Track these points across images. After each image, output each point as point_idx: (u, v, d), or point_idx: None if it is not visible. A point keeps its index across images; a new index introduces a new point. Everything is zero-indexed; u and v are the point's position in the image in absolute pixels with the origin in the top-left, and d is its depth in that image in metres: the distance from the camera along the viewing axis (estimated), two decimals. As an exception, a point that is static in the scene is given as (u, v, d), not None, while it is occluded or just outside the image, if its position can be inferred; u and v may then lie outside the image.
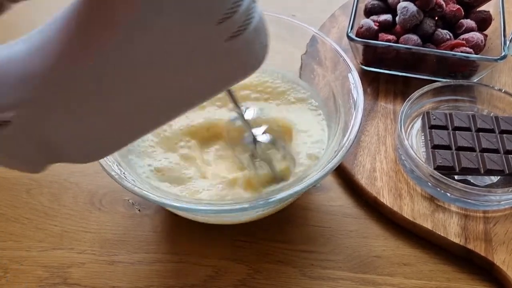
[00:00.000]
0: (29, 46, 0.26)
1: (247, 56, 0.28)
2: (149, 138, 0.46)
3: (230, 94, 0.36)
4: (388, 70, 0.59)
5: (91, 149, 0.30)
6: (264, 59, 0.30)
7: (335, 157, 0.40)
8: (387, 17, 0.59)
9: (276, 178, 0.42)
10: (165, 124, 0.31)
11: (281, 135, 0.44)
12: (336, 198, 0.49)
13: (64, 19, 0.26)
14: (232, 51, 0.27)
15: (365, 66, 0.59)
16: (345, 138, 0.41)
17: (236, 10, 0.26)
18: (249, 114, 0.41)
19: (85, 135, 0.28)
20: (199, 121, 0.48)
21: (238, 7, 0.26)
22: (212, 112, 0.49)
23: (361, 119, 0.42)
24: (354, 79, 0.45)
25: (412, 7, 0.56)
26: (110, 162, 0.40)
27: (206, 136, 0.48)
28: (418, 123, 0.53)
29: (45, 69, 0.25)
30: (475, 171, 0.47)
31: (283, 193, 0.38)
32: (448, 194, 0.46)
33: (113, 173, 0.39)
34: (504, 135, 0.50)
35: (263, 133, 0.41)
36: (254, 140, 0.40)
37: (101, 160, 0.39)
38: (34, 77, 0.25)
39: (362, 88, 0.44)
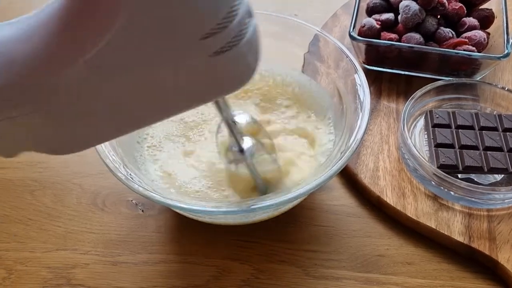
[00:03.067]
0: (17, 31, 0.26)
1: (235, 71, 0.28)
2: None
3: (217, 105, 0.34)
4: (390, 69, 0.58)
5: (74, 142, 0.30)
6: (253, 73, 0.29)
7: (341, 158, 0.40)
8: (389, 16, 0.59)
9: (259, 187, 0.42)
10: (153, 123, 0.31)
11: (271, 146, 0.44)
12: (339, 198, 0.49)
13: (53, 12, 0.26)
14: (218, 65, 0.27)
15: (368, 65, 0.59)
16: (352, 139, 0.41)
17: (225, 26, 0.25)
18: (241, 118, 0.41)
19: (70, 130, 0.28)
20: None
21: (229, 23, 0.25)
22: None
23: (368, 120, 0.41)
24: (361, 80, 0.44)
25: (414, 6, 0.56)
26: (117, 164, 0.40)
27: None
28: (421, 122, 0.53)
29: (31, 57, 0.25)
30: (478, 170, 0.47)
31: (290, 194, 0.38)
32: (452, 193, 0.46)
33: (119, 175, 0.39)
34: (508, 133, 0.49)
35: (250, 143, 0.40)
36: (241, 151, 0.39)
37: (108, 161, 0.39)
38: (21, 63, 0.25)
39: (368, 89, 0.44)
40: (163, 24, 0.24)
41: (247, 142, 0.39)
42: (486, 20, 0.59)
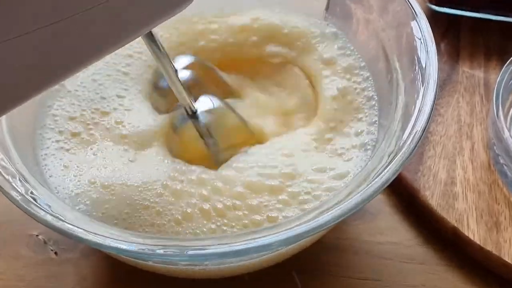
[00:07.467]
0: None
1: None
2: None
3: (149, 39, 0.33)
4: (475, 13, 0.48)
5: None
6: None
7: (389, 164, 0.31)
8: None
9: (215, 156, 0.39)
10: (95, 61, 0.29)
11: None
12: (388, 230, 0.40)
13: None
14: None
15: (437, 5, 0.49)
16: (407, 132, 0.32)
17: None
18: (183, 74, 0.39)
19: None
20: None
21: None
22: None
23: (434, 99, 0.34)
24: (423, 31, 0.37)
25: None
26: (8, 175, 0.32)
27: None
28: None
29: None
30: None
31: (300, 227, 0.28)
32: None
33: (13, 194, 0.31)
34: None
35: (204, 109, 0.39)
36: (190, 115, 0.38)
37: None
38: None
39: (435, 48, 0.35)
40: None
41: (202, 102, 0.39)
42: None
